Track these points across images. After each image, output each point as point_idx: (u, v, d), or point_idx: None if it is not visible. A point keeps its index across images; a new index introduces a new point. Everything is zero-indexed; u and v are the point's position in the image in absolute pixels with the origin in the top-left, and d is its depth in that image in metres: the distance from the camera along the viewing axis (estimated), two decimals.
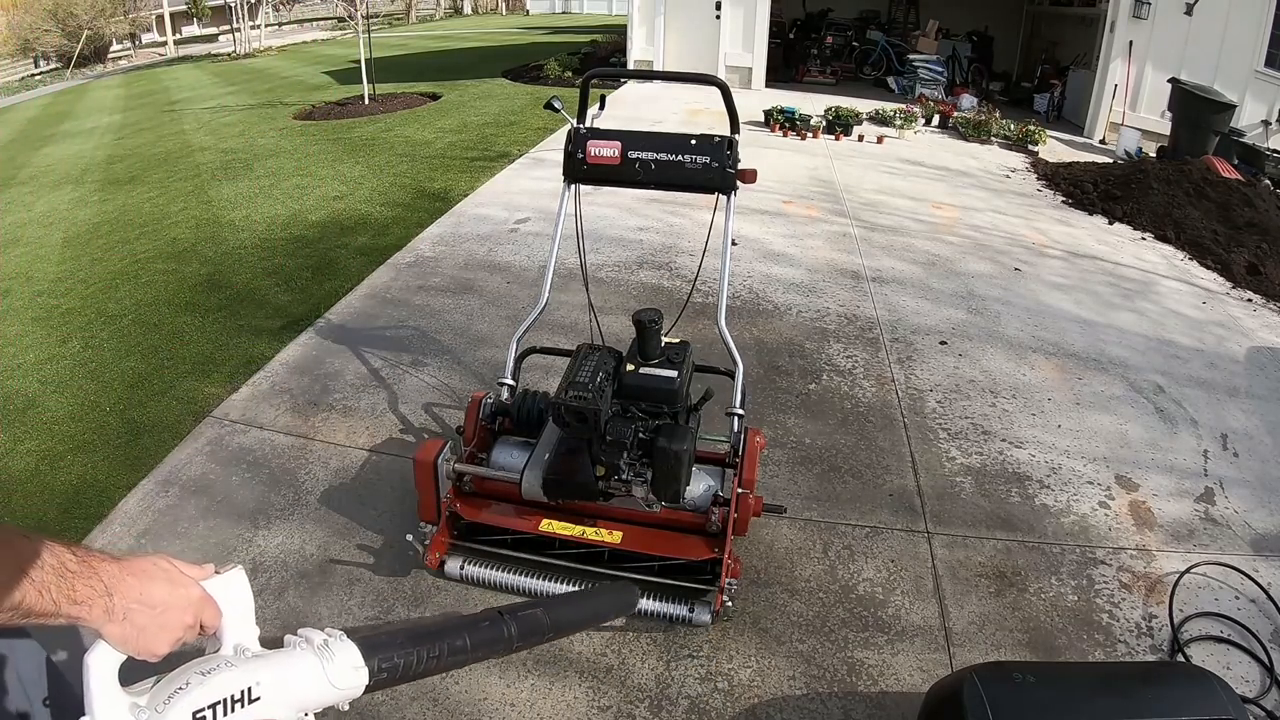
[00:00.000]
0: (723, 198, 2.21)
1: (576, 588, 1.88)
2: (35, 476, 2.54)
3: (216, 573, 0.78)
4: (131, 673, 0.71)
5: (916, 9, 11.38)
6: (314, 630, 0.78)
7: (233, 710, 0.68)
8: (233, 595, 0.77)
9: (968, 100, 8.82)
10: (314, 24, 30.00)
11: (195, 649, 0.76)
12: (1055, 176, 6.25)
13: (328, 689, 0.75)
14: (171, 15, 27.97)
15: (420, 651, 0.84)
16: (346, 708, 0.80)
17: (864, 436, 2.69)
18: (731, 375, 2.15)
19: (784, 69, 10.58)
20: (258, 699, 0.70)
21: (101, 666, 0.67)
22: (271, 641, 0.79)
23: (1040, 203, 5.68)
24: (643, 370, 1.91)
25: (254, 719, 0.69)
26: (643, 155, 2.17)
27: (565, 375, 1.85)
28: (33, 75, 23.95)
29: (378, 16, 27.59)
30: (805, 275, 4.00)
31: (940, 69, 9.88)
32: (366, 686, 0.79)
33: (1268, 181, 5.97)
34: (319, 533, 2.21)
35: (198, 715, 0.66)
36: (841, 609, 1.99)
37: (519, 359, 2.31)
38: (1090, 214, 5.44)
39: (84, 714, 0.65)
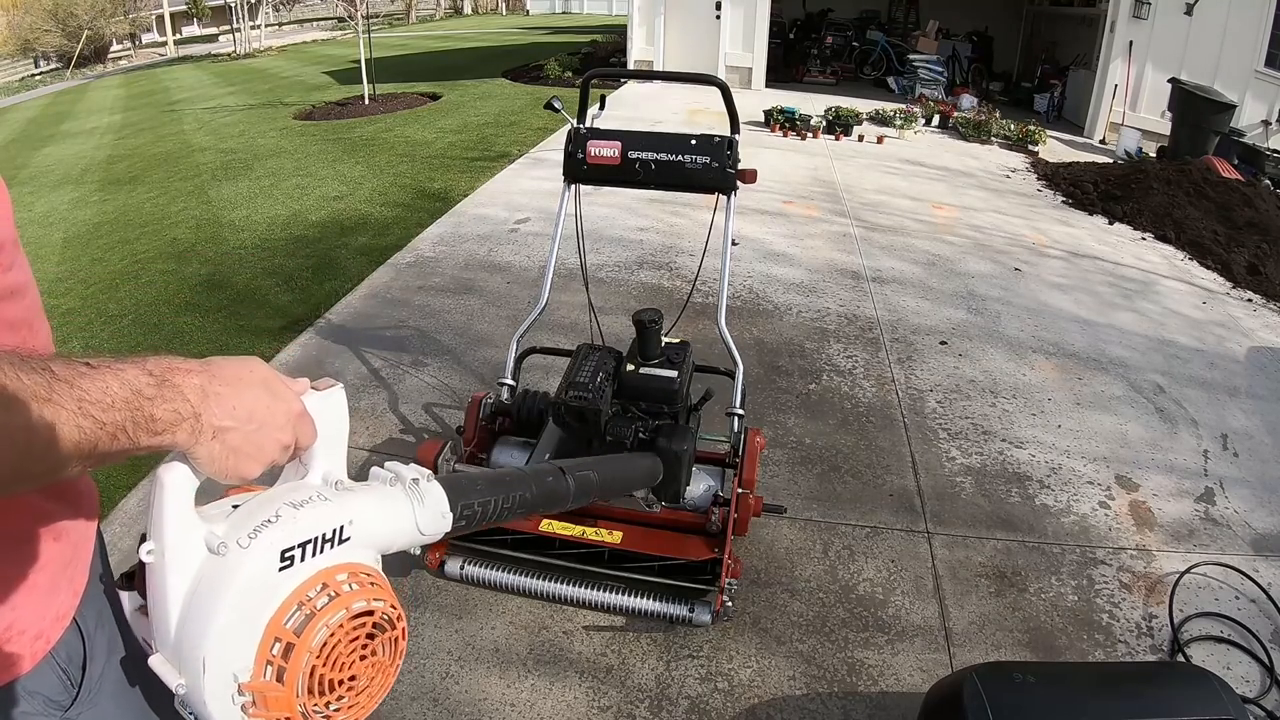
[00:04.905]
0: (723, 198, 2.21)
1: (580, 589, 1.87)
2: None
3: (313, 389, 0.67)
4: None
5: (916, 9, 11.38)
6: (403, 465, 0.70)
7: (321, 551, 0.59)
8: (330, 416, 0.67)
9: (968, 100, 8.82)
10: (314, 24, 30.01)
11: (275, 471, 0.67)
12: (1055, 176, 6.25)
13: (413, 533, 0.68)
14: (171, 15, 27.97)
15: (496, 499, 0.79)
16: (418, 552, 0.72)
17: (864, 436, 2.69)
18: (731, 375, 2.15)
19: (784, 69, 10.58)
20: (348, 539, 0.61)
21: (177, 487, 0.56)
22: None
23: (1040, 203, 5.68)
24: (643, 370, 1.91)
25: (337, 561, 0.60)
26: (643, 155, 2.17)
27: (565, 375, 1.85)
28: (33, 75, 23.97)
29: (378, 16, 27.60)
30: (805, 275, 4.00)
31: (940, 69, 9.88)
32: (446, 532, 0.73)
33: (1268, 181, 5.97)
34: None
35: (286, 554, 0.56)
36: (842, 609, 1.99)
37: (519, 359, 2.31)
38: (1090, 214, 5.44)
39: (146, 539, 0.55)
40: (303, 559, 0.57)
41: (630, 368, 1.91)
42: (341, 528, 0.61)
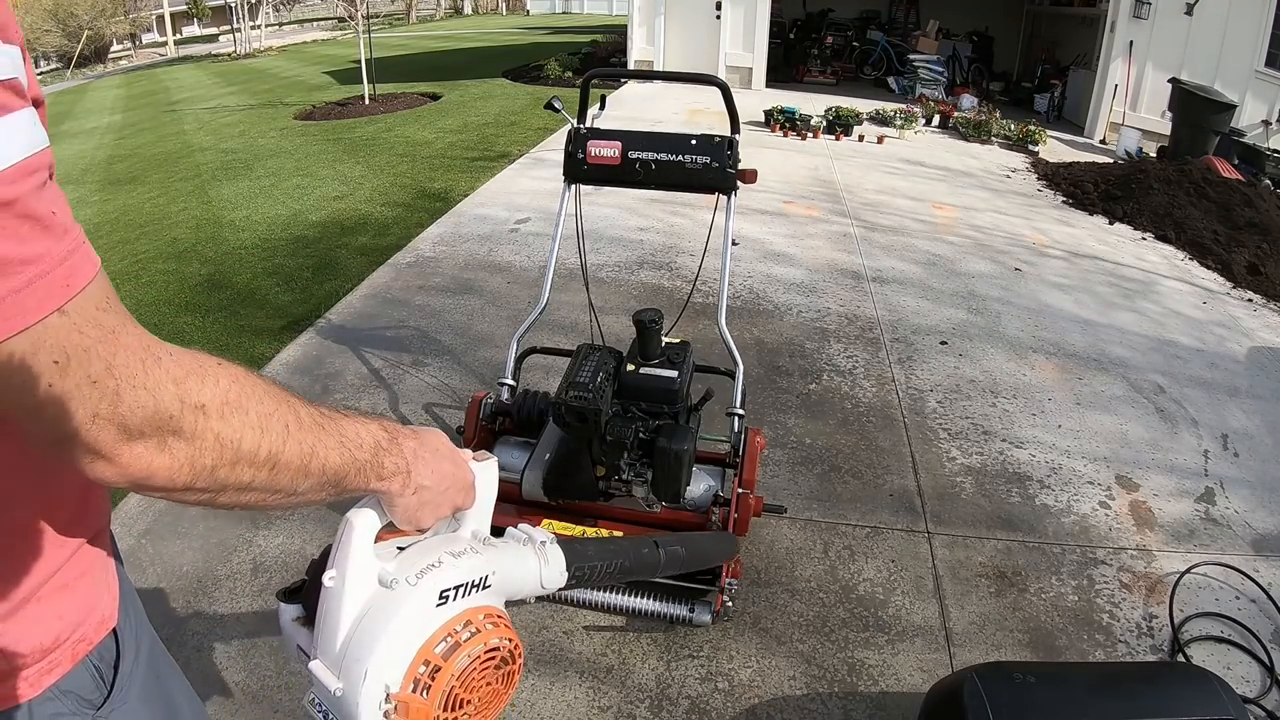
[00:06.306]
0: (723, 198, 2.21)
1: (580, 589, 1.87)
2: None
3: (474, 460, 0.80)
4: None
5: (916, 9, 11.38)
6: (533, 529, 0.82)
7: (469, 594, 0.70)
8: (485, 484, 0.80)
9: (968, 100, 8.82)
10: (314, 24, 30.04)
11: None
12: (1056, 176, 6.25)
13: (535, 586, 0.81)
14: (172, 15, 27.98)
15: (602, 564, 0.91)
16: (533, 601, 0.87)
17: (864, 436, 2.69)
18: (732, 375, 2.15)
19: (784, 69, 10.58)
20: (489, 586, 0.73)
21: (364, 529, 0.67)
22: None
23: (1041, 203, 5.68)
24: (643, 370, 1.90)
25: (479, 604, 0.72)
26: (643, 155, 2.17)
27: (565, 375, 1.85)
28: None
29: (378, 17, 27.61)
30: (806, 275, 4.00)
31: (940, 69, 9.88)
32: (560, 588, 0.85)
33: (1268, 181, 5.98)
34: (319, 533, 2.21)
35: (443, 593, 0.68)
36: (842, 609, 1.99)
37: (519, 359, 2.31)
38: (1091, 214, 5.44)
39: (330, 568, 0.66)
40: (455, 599, 0.69)
41: (630, 368, 1.91)
42: (486, 576, 0.73)
